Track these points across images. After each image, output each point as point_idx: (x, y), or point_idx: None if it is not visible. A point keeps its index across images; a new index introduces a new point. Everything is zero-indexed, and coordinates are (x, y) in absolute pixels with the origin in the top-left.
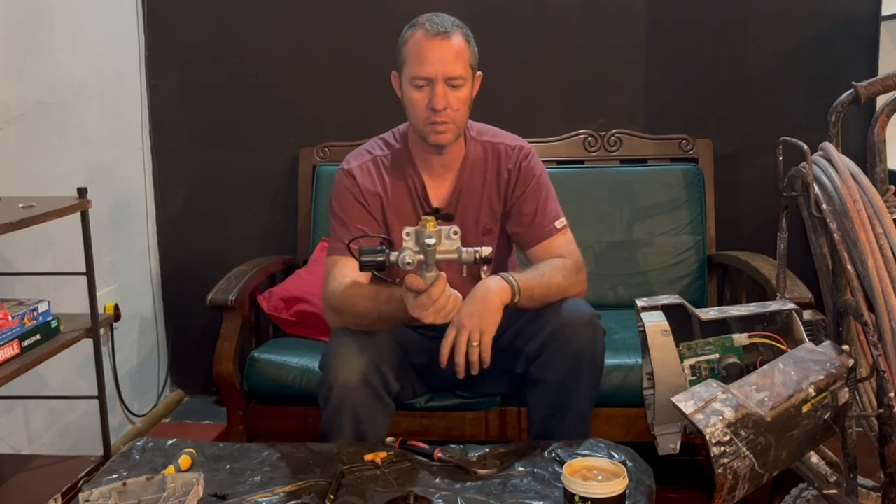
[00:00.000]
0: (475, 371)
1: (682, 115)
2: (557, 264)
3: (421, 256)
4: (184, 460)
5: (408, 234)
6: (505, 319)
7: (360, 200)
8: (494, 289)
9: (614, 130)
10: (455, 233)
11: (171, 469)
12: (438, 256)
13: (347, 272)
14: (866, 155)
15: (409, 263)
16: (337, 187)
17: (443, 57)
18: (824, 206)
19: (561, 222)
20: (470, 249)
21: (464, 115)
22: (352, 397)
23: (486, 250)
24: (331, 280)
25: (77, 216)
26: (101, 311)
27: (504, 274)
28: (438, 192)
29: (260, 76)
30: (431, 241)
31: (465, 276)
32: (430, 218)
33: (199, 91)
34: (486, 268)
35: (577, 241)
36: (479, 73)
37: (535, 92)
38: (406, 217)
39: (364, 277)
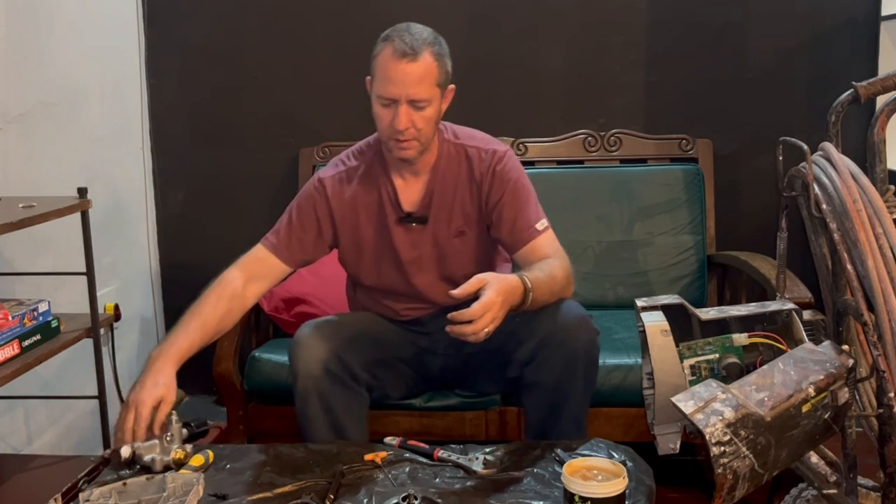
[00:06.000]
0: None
1: (682, 115)
2: (555, 264)
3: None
4: (196, 459)
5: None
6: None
7: (318, 215)
8: (515, 284)
9: (614, 130)
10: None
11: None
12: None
13: (252, 267)
14: (866, 155)
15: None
16: (307, 191)
17: (406, 79)
18: (824, 206)
19: (542, 224)
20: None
21: (429, 132)
22: (317, 386)
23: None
24: (238, 261)
25: (77, 216)
26: (101, 311)
27: (520, 274)
28: (410, 196)
29: (260, 76)
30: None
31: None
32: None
33: (199, 91)
34: None
35: (577, 241)
36: (451, 86)
37: (535, 92)
38: (379, 224)
39: (252, 293)
